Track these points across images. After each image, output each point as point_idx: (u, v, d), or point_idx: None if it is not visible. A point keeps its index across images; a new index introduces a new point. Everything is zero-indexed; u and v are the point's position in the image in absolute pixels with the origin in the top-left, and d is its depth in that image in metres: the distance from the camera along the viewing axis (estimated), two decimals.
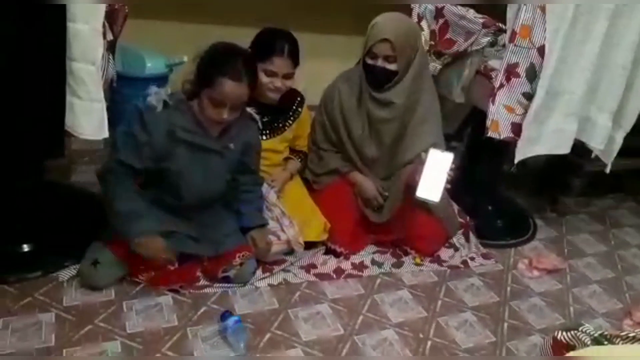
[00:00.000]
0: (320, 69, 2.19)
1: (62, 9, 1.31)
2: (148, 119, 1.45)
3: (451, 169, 1.73)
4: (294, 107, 2.00)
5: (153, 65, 2.37)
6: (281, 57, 1.78)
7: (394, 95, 1.88)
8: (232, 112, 1.49)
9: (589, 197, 2.84)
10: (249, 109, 1.65)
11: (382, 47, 1.80)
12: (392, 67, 1.82)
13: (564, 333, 1.08)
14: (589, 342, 1.01)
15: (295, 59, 1.82)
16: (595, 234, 2.55)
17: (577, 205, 2.73)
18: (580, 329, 1.06)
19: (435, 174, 1.73)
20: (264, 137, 1.92)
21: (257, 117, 1.68)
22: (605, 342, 1.01)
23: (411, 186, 1.84)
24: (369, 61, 1.85)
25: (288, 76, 1.83)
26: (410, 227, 2.03)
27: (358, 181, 2.03)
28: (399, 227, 2.03)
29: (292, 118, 1.99)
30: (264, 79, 1.79)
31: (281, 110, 1.96)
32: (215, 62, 1.46)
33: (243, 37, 1.83)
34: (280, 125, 1.97)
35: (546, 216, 2.61)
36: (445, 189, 1.76)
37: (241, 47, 1.54)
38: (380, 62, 1.82)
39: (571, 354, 1.01)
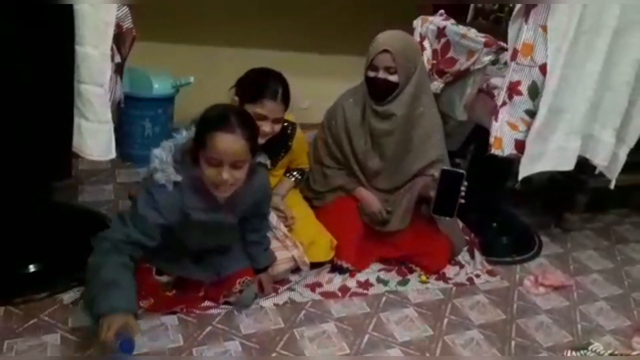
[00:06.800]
0: (325, 88, 2.22)
1: (71, 32, 1.34)
2: (160, 200, 1.38)
3: (464, 186, 1.76)
4: (285, 142, 1.92)
5: (160, 86, 2.41)
6: (273, 101, 1.69)
7: (395, 107, 1.91)
8: (232, 171, 1.36)
9: (593, 213, 2.83)
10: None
11: (382, 58, 1.85)
12: (393, 78, 1.87)
13: (574, 352, 1.07)
14: None
15: (287, 103, 1.75)
16: (600, 250, 2.54)
17: (582, 221, 2.72)
18: (589, 347, 1.05)
19: (448, 192, 1.77)
20: None
21: (267, 162, 1.60)
22: None
23: (425, 198, 1.90)
24: (371, 74, 1.90)
25: (278, 120, 1.75)
26: (416, 244, 2.04)
27: (364, 197, 2.04)
28: (405, 244, 2.04)
29: (283, 152, 1.93)
30: None
31: (271, 148, 1.80)
32: (207, 120, 1.36)
33: (249, 59, 1.86)
34: (274, 161, 1.89)
35: (551, 232, 2.60)
36: (459, 205, 1.78)
37: (236, 106, 1.47)
38: (381, 74, 1.87)
39: None
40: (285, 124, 1.87)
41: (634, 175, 2.46)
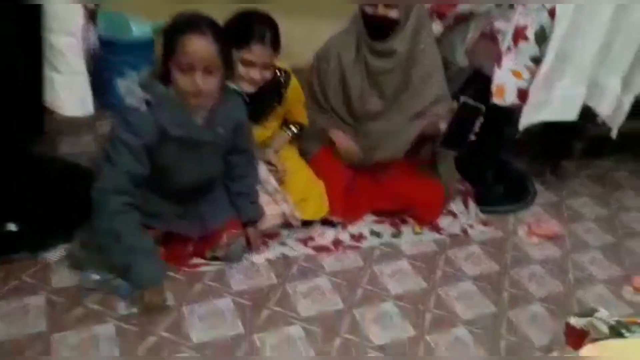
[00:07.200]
0: (314, 28, 2.08)
1: None
2: (135, 121, 1.33)
3: (480, 121, 1.69)
4: (278, 90, 1.79)
5: (138, 29, 2.25)
6: (261, 45, 1.58)
7: (397, 43, 1.82)
8: (206, 77, 1.33)
9: (589, 159, 2.78)
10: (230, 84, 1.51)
11: None
12: (392, 14, 1.75)
13: (578, 319, 1.05)
14: (605, 330, 0.98)
15: (276, 47, 1.63)
16: (595, 197, 2.52)
17: (578, 168, 2.69)
18: (594, 315, 1.03)
19: (462, 126, 1.70)
20: None
21: (242, 91, 1.55)
22: (624, 331, 0.98)
23: (428, 137, 1.86)
24: (369, 10, 1.78)
25: (267, 66, 1.63)
26: (410, 194, 2.00)
27: (337, 138, 1.96)
28: (398, 195, 2.00)
29: (276, 101, 1.81)
30: (239, 69, 1.58)
31: (263, 96, 1.72)
32: (176, 25, 1.33)
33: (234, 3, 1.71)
34: (266, 111, 1.80)
35: (546, 180, 2.56)
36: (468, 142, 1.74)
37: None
38: (380, 10, 1.75)
39: (589, 346, 0.97)
40: (278, 71, 1.75)
41: (635, 121, 2.39)
